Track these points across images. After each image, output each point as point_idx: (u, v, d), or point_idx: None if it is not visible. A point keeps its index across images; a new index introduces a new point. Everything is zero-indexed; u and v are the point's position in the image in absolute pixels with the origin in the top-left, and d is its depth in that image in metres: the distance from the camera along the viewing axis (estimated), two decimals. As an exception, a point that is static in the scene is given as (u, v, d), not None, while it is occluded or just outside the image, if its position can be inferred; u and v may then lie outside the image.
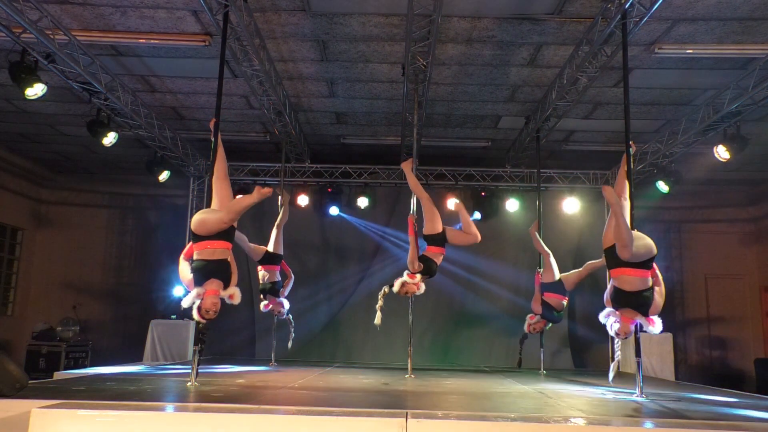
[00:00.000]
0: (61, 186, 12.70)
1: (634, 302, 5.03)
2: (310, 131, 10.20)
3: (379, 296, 6.64)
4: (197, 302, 5.06)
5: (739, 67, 7.37)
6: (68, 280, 12.31)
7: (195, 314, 5.08)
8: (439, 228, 6.70)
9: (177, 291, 10.30)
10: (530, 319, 8.06)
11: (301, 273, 10.80)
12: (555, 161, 11.01)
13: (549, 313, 7.97)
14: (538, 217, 9.06)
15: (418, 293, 6.75)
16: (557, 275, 8.16)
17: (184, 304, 5.09)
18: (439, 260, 6.75)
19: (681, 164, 9.72)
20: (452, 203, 7.37)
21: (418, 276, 6.52)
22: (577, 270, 8.36)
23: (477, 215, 11.02)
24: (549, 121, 8.69)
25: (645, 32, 6.59)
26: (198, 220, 5.22)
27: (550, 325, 8.17)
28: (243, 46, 6.80)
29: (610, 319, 5.20)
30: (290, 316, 8.09)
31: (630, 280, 5.02)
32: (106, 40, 7.07)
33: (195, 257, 5.21)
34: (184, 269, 5.30)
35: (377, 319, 6.52)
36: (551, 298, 8.02)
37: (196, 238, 5.20)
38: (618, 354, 5.35)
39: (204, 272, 5.11)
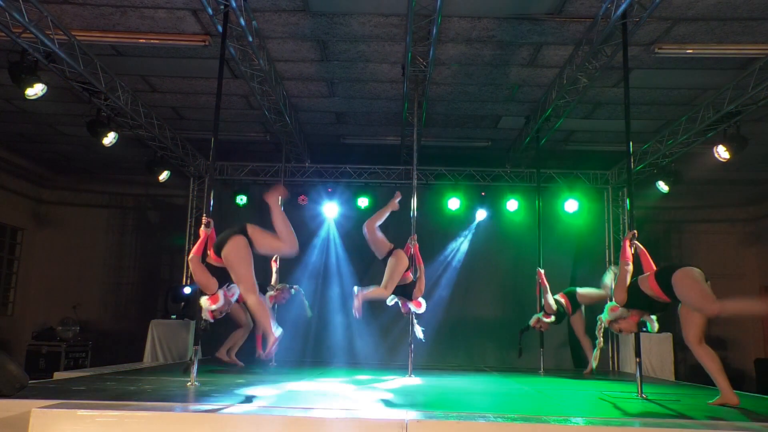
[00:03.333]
0: (61, 186, 12.69)
1: (654, 307, 5.10)
2: (310, 131, 10.20)
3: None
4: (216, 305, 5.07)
5: (739, 67, 7.37)
6: (68, 280, 12.30)
7: (207, 314, 5.08)
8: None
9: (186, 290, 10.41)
10: (545, 318, 8.14)
11: (302, 273, 10.81)
12: (555, 161, 11.01)
13: (562, 315, 8.26)
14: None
15: (418, 311, 7.07)
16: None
17: (215, 305, 5.06)
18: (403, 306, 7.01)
19: (681, 164, 9.72)
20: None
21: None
22: (598, 292, 8.33)
23: (483, 214, 11.06)
24: (549, 121, 8.69)
25: (645, 32, 6.60)
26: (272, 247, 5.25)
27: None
28: (243, 46, 6.80)
29: (615, 314, 5.31)
30: (300, 289, 8.25)
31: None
32: (106, 40, 7.07)
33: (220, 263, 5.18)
34: (202, 270, 5.15)
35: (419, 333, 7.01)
36: (562, 298, 8.21)
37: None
38: (600, 341, 5.39)
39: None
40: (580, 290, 8.49)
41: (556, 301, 8.21)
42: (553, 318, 8.17)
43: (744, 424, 4.01)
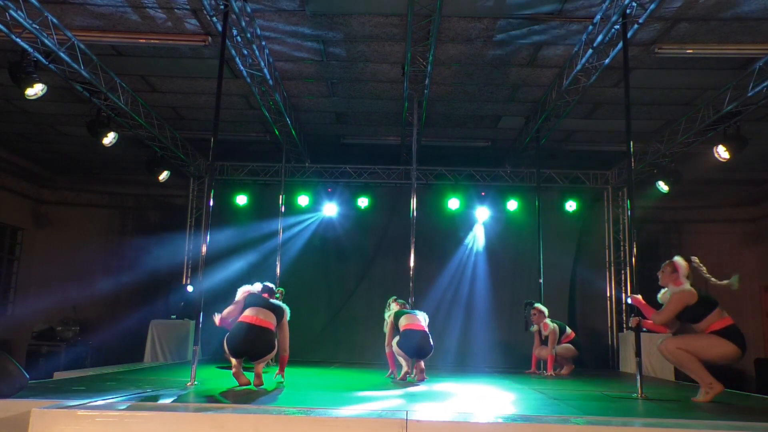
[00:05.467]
0: (61, 186, 12.69)
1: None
2: (310, 131, 10.20)
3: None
4: None
5: (739, 67, 7.37)
6: (68, 280, 12.28)
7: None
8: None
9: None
10: (544, 329, 8.19)
11: (302, 273, 10.80)
12: (555, 161, 11.01)
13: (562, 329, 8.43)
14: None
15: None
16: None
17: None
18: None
19: (681, 164, 9.73)
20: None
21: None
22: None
23: (484, 214, 11.08)
24: (549, 121, 8.69)
25: (645, 32, 6.60)
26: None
27: (534, 327, 8.45)
28: (243, 46, 6.80)
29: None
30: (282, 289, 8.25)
31: None
32: (106, 40, 7.07)
33: None
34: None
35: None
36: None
37: None
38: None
39: None
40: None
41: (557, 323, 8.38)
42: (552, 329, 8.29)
43: (744, 424, 4.01)
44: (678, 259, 5.38)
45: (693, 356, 5.11)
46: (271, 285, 6.04)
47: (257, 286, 6.06)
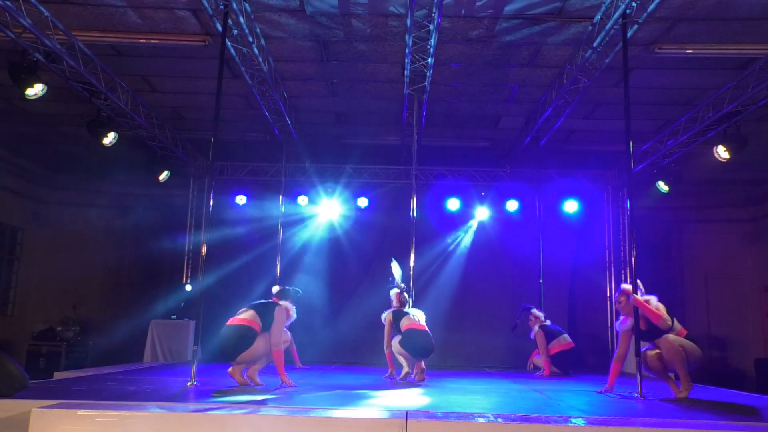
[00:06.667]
0: (61, 186, 12.68)
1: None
2: (310, 131, 10.20)
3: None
4: None
5: (739, 67, 7.37)
6: (68, 279, 12.28)
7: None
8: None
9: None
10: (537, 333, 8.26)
11: (302, 273, 10.81)
12: (555, 161, 11.01)
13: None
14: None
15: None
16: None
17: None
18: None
19: (681, 164, 9.72)
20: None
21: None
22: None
23: (483, 213, 11.07)
24: (549, 121, 8.69)
25: (645, 32, 6.60)
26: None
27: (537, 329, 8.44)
28: (243, 46, 6.80)
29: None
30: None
31: None
32: (106, 40, 7.08)
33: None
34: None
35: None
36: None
37: None
38: None
39: None
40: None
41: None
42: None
43: (744, 424, 4.01)
44: (623, 286, 5.91)
45: (685, 357, 5.53)
46: (288, 288, 6.11)
47: (275, 289, 6.15)
